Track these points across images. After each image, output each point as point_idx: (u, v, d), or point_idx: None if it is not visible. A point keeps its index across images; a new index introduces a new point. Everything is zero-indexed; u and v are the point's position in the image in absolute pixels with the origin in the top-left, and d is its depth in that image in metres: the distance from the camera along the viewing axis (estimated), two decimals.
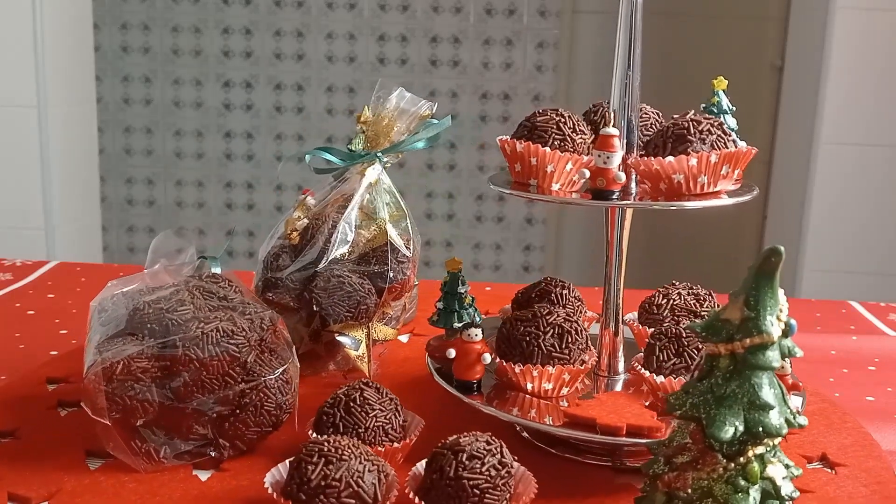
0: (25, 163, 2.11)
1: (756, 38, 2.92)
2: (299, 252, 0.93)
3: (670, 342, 0.80)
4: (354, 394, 0.74)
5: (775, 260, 0.57)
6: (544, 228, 3.09)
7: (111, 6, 3.05)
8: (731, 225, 3.01)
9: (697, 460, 0.58)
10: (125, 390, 0.71)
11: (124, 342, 0.73)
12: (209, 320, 0.74)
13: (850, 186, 2.15)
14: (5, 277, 1.29)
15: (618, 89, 0.82)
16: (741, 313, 0.57)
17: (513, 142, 0.80)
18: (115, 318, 0.76)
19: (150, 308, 0.75)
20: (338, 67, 3.05)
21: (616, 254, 0.84)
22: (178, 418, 0.73)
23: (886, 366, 1.07)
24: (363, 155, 0.95)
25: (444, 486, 0.63)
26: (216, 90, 3.10)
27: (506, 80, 3.01)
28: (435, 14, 2.99)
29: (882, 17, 2.08)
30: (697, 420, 0.58)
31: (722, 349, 0.57)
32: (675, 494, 0.59)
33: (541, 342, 0.79)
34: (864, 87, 2.12)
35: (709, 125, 0.78)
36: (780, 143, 2.65)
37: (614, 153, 0.76)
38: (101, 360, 0.72)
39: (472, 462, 0.63)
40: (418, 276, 1.01)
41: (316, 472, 0.62)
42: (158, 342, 0.73)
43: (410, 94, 0.95)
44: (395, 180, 1.00)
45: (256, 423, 0.75)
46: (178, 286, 0.78)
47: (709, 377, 0.58)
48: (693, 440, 0.59)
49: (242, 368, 0.75)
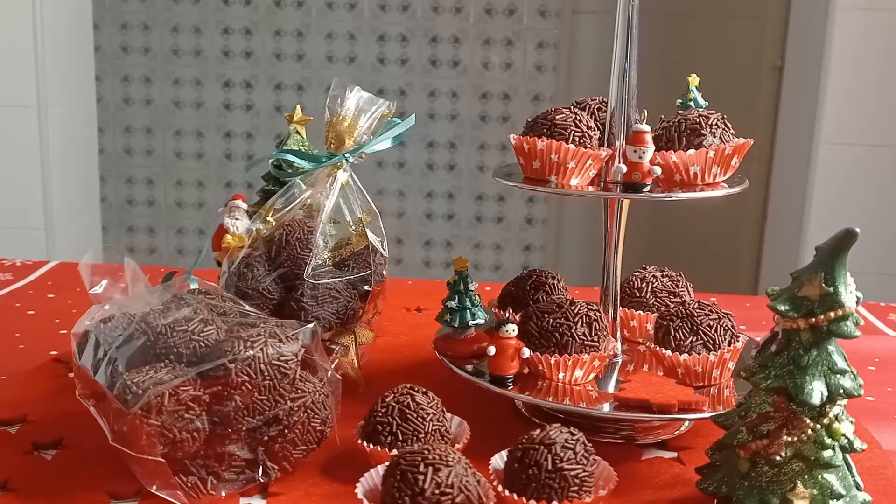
0: (25, 163, 2.11)
1: (756, 38, 2.92)
2: (274, 260, 0.90)
3: (683, 322, 0.84)
4: (405, 399, 0.74)
5: (851, 240, 0.63)
6: (544, 228, 3.09)
7: (111, 6, 3.05)
8: (731, 225, 3.01)
9: (786, 426, 0.65)
10: (175, 421, 0.66)
11: (154, 370, 0.68)
12: (254, 339, 0.70)
13: (850, 186, 2.15)
14: (5, 277, 1.29)
15: (616, 86, 0.85)
16: (820, 290, 0.64)
17: (533, 140, 0.83)
18: (130, 345, 0.70)
19: (173, 331, 0.70)
20: (338, 67, 3.04)
21: (615, 244, 0.88)
22: (221, 445, 0.69)
23: (886, 366, 1.07)
24: (330, 157, 0.92)
25: (544, 479, 0.65)
26: (216, 90, 3.10)
27: (506, 80, 3.01)
28: (435, 14, 2.99)
29: (882, 17, 2.08)
30: (782, 390, 0.65)
31: (802, 324, 0.65)
32: (762, 459, 0.65)
33: (573, 332, 0.82)
34: (864, 87, 2.11)
35: (716, 119, 0.84)
36: (780, 143, 2.65)
37: (647, 148, 0.80)
38: (151, 392, 0.65)
39: (566, 453, 0.65)
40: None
41: (428, 481, 0.61)
42: (207, 367, 0.68)
43: (368, 94, 0.92)
44: (395, 180, 1.00)
45: (303, 440, 0.72)
46: (193, 305, 0.73)
47: (787, 350, 0.65)
48: (777, 408, 0.66)
49: (291, 385, 0.71)
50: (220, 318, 0.74)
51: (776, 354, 0.66)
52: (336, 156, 0.91)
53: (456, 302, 0.88)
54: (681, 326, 0.84)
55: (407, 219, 3.12)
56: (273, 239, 0.91)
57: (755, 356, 0.69)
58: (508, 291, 0.95)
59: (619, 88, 0.85)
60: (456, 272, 0.89)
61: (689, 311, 0.84)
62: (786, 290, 0.66)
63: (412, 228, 3.13)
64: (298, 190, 0.93)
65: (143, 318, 0.71)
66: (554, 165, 0.83)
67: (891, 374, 1.04)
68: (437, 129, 3.06)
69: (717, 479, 0.69)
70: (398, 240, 3.14)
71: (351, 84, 0.90)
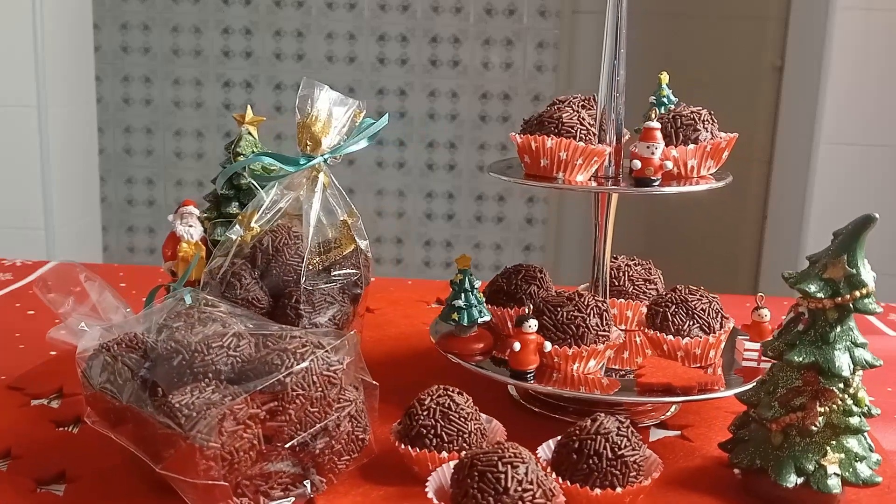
0: (25, 163, 2.11)
1: (756, 38, 2.91)
2: (261, 268, 0.88)
3: (679, 307, 0.88)
4: (444, 401, 0.74)
5: (870, 224, 0.71)
6: (544, 228, 3.09)
7: (111, 6, 3.05)
8: (731, 225, 3.01)
9: (818, 398, 0.70)
10: (234, 441, 0.64)
11: (198, 390, 0.65)
12: (302, 350, 0.68)
13: (850, 186, 2.15)
14: (5, 277, 1.29)
15: (605, 84, 0.88)
16: (844, 271, 0.71)
17: (542, 137, 0.85)
18: (164, 365, 0.67)
19: (209, 348, 0.68)
20: (338, 67, 3.04)
21: (605, 236, 0.93)
22: (271, 462, 0.67)
23: (886, 366, 1.07)
24: (309, 159, 0.89)
25: (606, 467, 0.67)
26: (216, 90, 3.10)
27: (506, 80, 3.01)
28: (435, 14, 2.99)
29: (882, 17, 2.08)
30: (814, 365, 0.70)
31: (828, 303, 0.71)
32: (794, 431, 0.71)
33: (588, 323, 0.84)
34: (864, 87, 2.11)
35: (707, 115, 0.88)
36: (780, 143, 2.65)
37: (658, 144, 0.83)
38: (213, 414, 0.63)
39: (622, 440, 0.68)
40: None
41: (510, 479, 0.62)
42: (264, 382, 0.66)
43: (337, 94, 0.90)
44: (395, 180, 0.99)
45: (347, 449, 0.71)
46: (222, 320, 0.71)
47: (814, 328, 0.71)
48: (806, 383, 0.71)
49: (337, 395, 0.70)
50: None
51: (803, 333, 0.71)
52: (314, 158, 0.89)
53: (463, 300, 0.89)
54: (677, 312, 0.87)
55: (407, 219, 3.12)
56: (258, 246, 0.88)
57: (778, 336, 0.74)
58: (500, 287, 0.96)
59: (609, 86, 0.88)
60: (461, 271, 0.89)
61: (682, 296, 0.89)
62: (805, 273, 0.72)
63: (412, 228, 3.13)
64: (278, 194, 0.90)
65: (171, 337, 0.68)
66: (562, 163, 0.85)
67: (891, 374, 1.04)
68: (437, 129, 3.06)
69: (750, 453, 0.73)
70: (398, 240, 3.14)
71: (320, 84, 0.88)
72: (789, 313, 0.75)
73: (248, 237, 0.88)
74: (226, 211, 0.99)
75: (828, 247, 0.73)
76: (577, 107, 0.90)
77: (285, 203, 0.89)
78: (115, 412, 0.68)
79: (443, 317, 0.90)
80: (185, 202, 0.97)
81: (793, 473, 0.70)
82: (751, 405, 0.75)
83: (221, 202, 0.99)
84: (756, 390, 0.75)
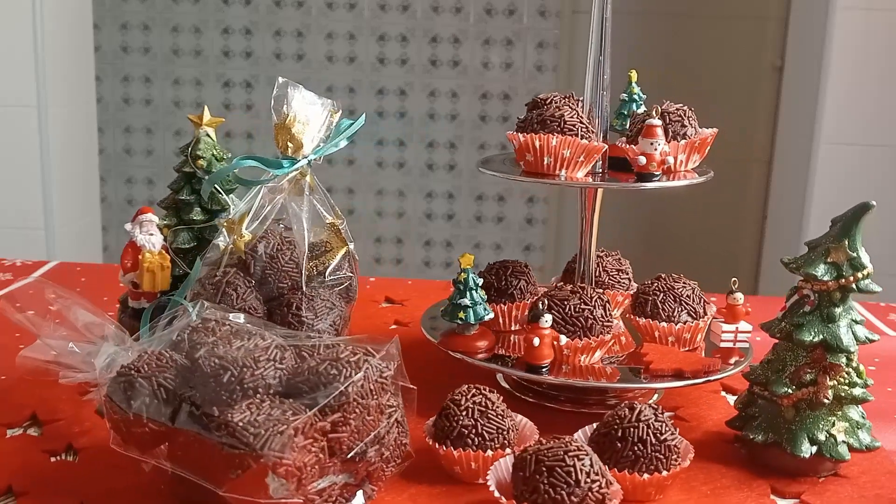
0: (25, 163, 2.11)
1: (756, 38, 2.92)
2: (254, 275, 0.86)
3: (667, 295, 0.92)
4: (480, 399, 0.75)
5: (867, 211, 0.76)
6: (544, 228, 3.09)
7: (111, 6, 3.05)
8: (731, 225, 3.01)
9: (828, 372, 0.76)
10: (304, 457, 0.62)
11: (254, 406, 0.63)
12: (355, 359, 0.67)
13: (850, 186, 2.15)
14: (5, 277, 1.29)
15: (591, 81, 0.92)
16: (846, 255, 0.76)
17: (547, 136, 0.87)
18: (211, 384, 0.64)
19: (257, 362, 0.66)
20: (338, 67, 3.05)
21: (591, 229, 0.96)
22: (328, 474, 0.66)
23: (886, 366, 1.07)
24: (293, 162, 0.87)
25: (652, 453, 0.70)
26: (216, 90, 3.10)
27: (506, 80, 3.01)
28: (435, 14, 2.99)
29: (882, 17, 2.08)
30: (822, 343, 0.76)
31: (833, 285, 0.76)
32: (804, 405, 0.76)
33: (595, 315, 0.87)
34: (864, 87, 2.11)
35: (691, 112, 0.92)
36: (780, 143, 2.65)
37: (660, 140, 0.87)
38: (286, 431, 0.61)
39: (661, 426, 0.71)
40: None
41: (582, 473, 0.64)
42: (328, 395, 0.64)
43: (311, 93, 0.88)
44: (395, 180, 0.99)
45: (394, 455, 0.70)
46: (256, 332, 0.69)
47: (819, 308, 0.77)
48: (815, 359, 0.76)
49: (388, 401, 0.69)
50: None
51: (810, 314, 0.77)
52: (297, 160, 0.87)
53: (469, 299, 0.89)
54: (665, 299, 0.91)
55: (407, 219, 3.12)
56: (250, 254, 0.86)
57: (782, 318, 0.79)
58: (489, 283, 0.98)
59: (595, 83, 0.92)
60: (464, 269, 0.89)
61: (668, 284, 0.92)
62: (807, 257, 0.77)
63: (412, 228, 3.13)
64: (265, 198, 0.87)
65: (213, 353, 0.66)
66: (565, 160, 0.87)
67: (891, 374, 1.04)
68: (437, 129, 3.06)
69: (763, 429, 0.78)
70: (398, 240, 3.14)
71: (294, 83, 0.87)
72: (791, 296, 0.79)
73: (240, 244, 0.85)
74: (188, 217, 0.95)
75: (826, 233, 0.78)
76: (560, 104, 0.91)
77: (272, 208, 0.87)
78: (153, 436, 0.65)
79: (449, 316, 0.90)
80: (142, 209, 0.92)
81: (807, 443, 0.76)
82: (758, 384, 0.80)
83: (182, 208, 0.95)
84: (763, 369, 0.80)
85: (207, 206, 0.96)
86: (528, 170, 0.90)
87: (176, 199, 0.95)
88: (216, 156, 0.97)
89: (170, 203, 0.97)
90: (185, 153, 0.95)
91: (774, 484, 0.76)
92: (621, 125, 0.98)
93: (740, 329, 0.91)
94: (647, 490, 0.70)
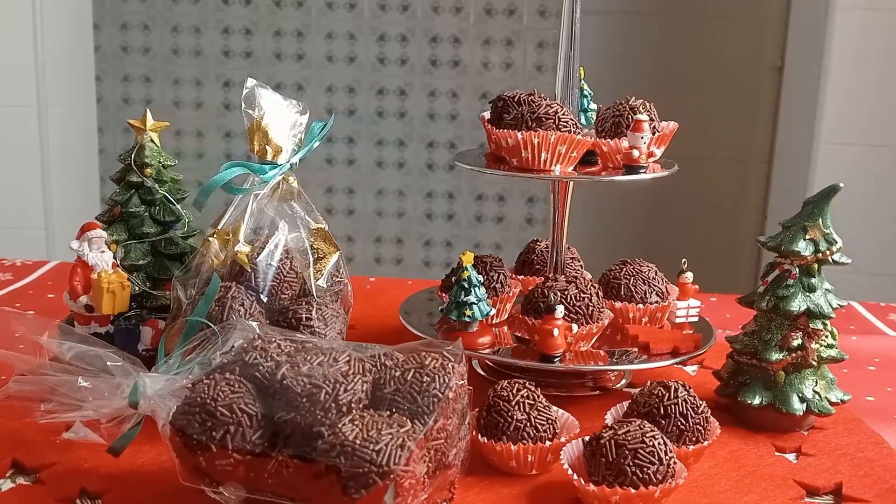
0: (25, 163, 2.11)
1: (756, 38, 2.91)
2: (261, 288, 0.82)
3: (636, 278, 0.97)
4: (525, 392, 0.76)
5: (835, 192, 0.85)
6: (544, 228, 3.09)
7: (111, 6, 3.05)
8: (732, 225, 3.01)
9: (812, 338, 0.85)
10: (422, 468, 0.61)
11: (359, 422, 0.62)
12: (443, 363, 0.65)
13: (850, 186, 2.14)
14: (5, 277, 1.29)
15: (561, 77, 0.97)
16: (821, 231, 0.86)
17: (545, 133, 0.89)
18: (309, 408, 0.62)
19: (346, 377, 0.64)
20: (338, 67, 3.04)
21: (563, 221, 1.00)
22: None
23: (886, 366, 1.07)
24: (275, 166, 0.83)
25: (694, 425, 0.76)
26: (216, 90, 3.10)
27: (506, 80, 3.01)
28: (435, 14, 2.99)
29: (882, 17, 2.08)
30: (806, 311, 0.85)
31: (811, 259, 0.85)
32: (791, 368, 0.86)
33: (593, 302, 0.91)
34: (864, 87, 2.11)
35: (650, 106, 0.96)
36: (780, 143, 2.65)
37: (646, 134, 0.91)
38: (408, 445, 0.60)
39: (693, 399, 0.77)
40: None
41: (662, 451, 0.69)
42: (427, 404, 0.63)
43: (277, 94, 0.85)
44: (395, 181, 0.98)
45: (466, 457, 0.69)
46: (342, 352, 0.66)
47: (800, 281, 0.86)
48: (800, 325, 0.86)
49: (465, 404, 0.69)
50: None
51: (792, 286, 0.86)
52: (279, 164, 0.83)
53: (474, 296, 0.90)
54: (636, 282, 0.97)
55: (407, 219, 3.12)
56: (251, 265, 0.81)
57: (765, 293, 0.87)
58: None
59: (565, 80, 0.97)
60: (466, 267, 0.90)
61: (636, 268, 0.98)
62: (785, 236, 0.86)
63: (412, 228, 3.13)
64: (255, 206, 0.83)
65: (299, 373, 0.63)
66: (560, 156, 0.90)
67: (891, 374, 1.04)
68: (437, 129, 3.06)
69: (759, 393, 0.86)
70: (398, 240, 3.14)
71: (262, 84, 0.84)
72: (771, 272, 0.88)
73: (244, 258, 0.81)
74: (140, 231, 0.90)
75: (798, 213, 0.87)
76: (526, 100, 0.94)
77: (259, 215, 0.83)
78: (238, 465, 0.62)
79: (456, 314, 0.91)
80: (88, 225, 0.86)
81: (797, 402, 0.85)
82: (746, 353, 0.88)
83: (132, 221, 0.90)
84: (750, 340, 0.88)
85: (160, 217, 0.91)
86: (524, 166, 0.92)
87: (124, 212, 0.90)
88: (162, 163, 0.92)
89: (114, 217, 0.91)
90: (129, 161, 0.89)
91: (773, 441, 0.85)
92: (588, 120, 1.02)
93: (691, 305, 0.99)
94: (689, 460, 0.76)
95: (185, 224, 0.94)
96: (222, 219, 0.85)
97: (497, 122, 0.94)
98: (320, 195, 3.09)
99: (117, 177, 0.92)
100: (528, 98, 0.93)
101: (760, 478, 0.78)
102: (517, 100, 0.93)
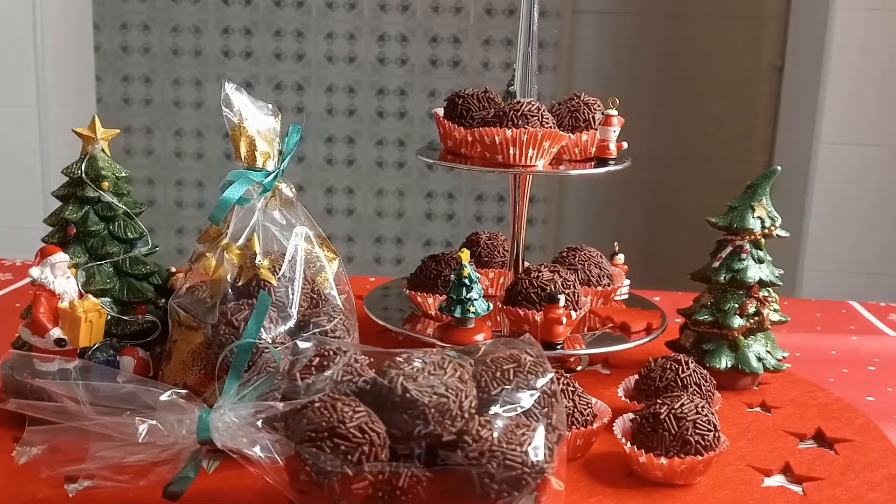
0: (25, 163, 2.11)
1: (756, 38, 2.92)
2: (280, 303, 0.77)
3: (589, 263, 1.02)
4: (564, 380, 0.79)
5: (775, 175, 0.97)
6: (544, 228, 3.09)
7: (111, 6, 3.05)
8: None
9: (764, 304, 0.96)
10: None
11: (490, 425, 0.61)
12: (532, 359, 0.65)
13: (850, 186, 2.15)
14: (5, 277, 1.29)
15: (521, 71, 1.02)
16: (766, 210, 0.97)
17: (534, 132, 0.91)
18: (422, 428, 0.60)
19: (447, 387, 0.62)
20: (338, 67, 3.05)
21: (523, 213, 1.08)
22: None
23: (886, 366, 1.07)
24: (268, 172, 0.79)
25: (706, 393, 0.83)
26: (216, 90, 3.10)
27: (506, 80, 3.01)
28: (435, 14, 2.99)
29: (882, 17, 2.08)
30: (760, 281, 0.96)
31: (759, 234, 0.96)
32: (748, 332, 0.96)
33: (576, 289, 0.95)
34: (864, 87, 2.11)
35: (598, 102, 1.01)
36: (780, 143, 2.65)
37: (616, 128, 0.98)
38: (552, 442, 0.60)
39: (700, 370, 0.85)
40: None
41: (714, 419, 0.76)
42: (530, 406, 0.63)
43: (250, 97, 0.81)
44: (395, 181, 0.99)
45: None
46: (423, 357, 0.64)
47: (751, 254, 0.96)
48: (754, 294, 0.95)
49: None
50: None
51: (745, 260, 0.96)
52: (276, 170, 0.79)
53: (475, 292, 0.91)
54: (590, 267, 1.02)
55: (407, 219, 3.12)
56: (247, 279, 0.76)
57: (719, 267, 0.96)
58: (438, 273, 1.06)
59: (524, 74, 1.02)
60: (466, 265, 0.90)
61: (586, 254, 1.03)
62: (734, 216, 0.96)
63: (412, 228, 3.13)
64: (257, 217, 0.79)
65: (417, 385, 0.61)
66: (544, 151, 0.94)
67: (891, 374, 1.04)
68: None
69: (726, 357, 0.95)
70: (398, 240, 3.14)
71: (238, 86, 0.80)
72: (723, 248, 0.96)
73: (266, 273, 0.75)
74: (103, 252, 0.82)
75: (742, 195, 0.96)
76: (482, 96, 1.00)
77: (256, 225, 0.79)
78: (375, 487, 0.60)
79: (459, 311, 0.90)
80: (46, 249, 0.76)
81: (756, 362, 0.95)
82: (706, 324, 0.96)
83: (92, 241, 0.82)
84: (710, 310, 0.96)
85: (122, 235, 0.84)
86: (509, 162, 0.94)
87: (81, 232, 0.81)
88: (117, 174, 0.84)
89: (68, 237, 0.82)
90: (78, 174, 0.81)
91: (740, 399, 0.94)
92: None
93: (622, 285, 1.08)
94: None
95: (147, 241, 0.87)
96: (224, 233, 0.80)
97: (458, 119, 1.00)
98: (320, 195, 3.09)
99: (64, 193, 0.83)
100: (486, 95, 1.00)
101: (757, 431, 0.86)
102: (468, 95, 1.00)
